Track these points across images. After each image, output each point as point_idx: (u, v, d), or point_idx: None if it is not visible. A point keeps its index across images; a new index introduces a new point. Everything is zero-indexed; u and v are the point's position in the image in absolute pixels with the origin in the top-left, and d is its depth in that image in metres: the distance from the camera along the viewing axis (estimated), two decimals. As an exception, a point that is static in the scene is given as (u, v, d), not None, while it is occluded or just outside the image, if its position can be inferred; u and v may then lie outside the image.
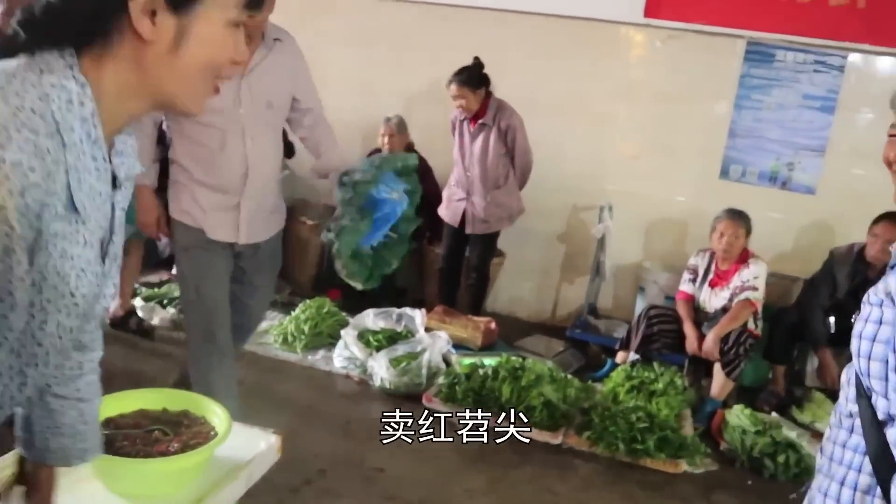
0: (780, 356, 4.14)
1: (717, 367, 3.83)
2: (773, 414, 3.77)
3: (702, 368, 4.03)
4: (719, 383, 3.83)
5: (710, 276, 4.04)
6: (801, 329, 4.06)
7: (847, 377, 1.25)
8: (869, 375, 1.17)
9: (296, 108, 2.74)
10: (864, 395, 1.19)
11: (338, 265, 2.72)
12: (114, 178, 1.00)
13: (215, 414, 1.66)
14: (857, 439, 1.20)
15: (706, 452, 3.35)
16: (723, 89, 4.65)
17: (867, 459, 1.16)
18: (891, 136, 1.29)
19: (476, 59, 4.24)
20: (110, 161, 0.98)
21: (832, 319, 3.99)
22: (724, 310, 3.91)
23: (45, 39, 0.91)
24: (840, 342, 4.00)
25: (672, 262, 4.63)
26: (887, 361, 1.14)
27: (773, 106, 4.60)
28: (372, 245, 2.88)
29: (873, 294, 1.19)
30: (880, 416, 1.16)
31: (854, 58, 4.45)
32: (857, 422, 1.20)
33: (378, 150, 4.80)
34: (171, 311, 4.20)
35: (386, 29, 5.13)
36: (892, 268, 1.19)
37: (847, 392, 1.24)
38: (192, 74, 0.96)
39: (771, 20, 4.50)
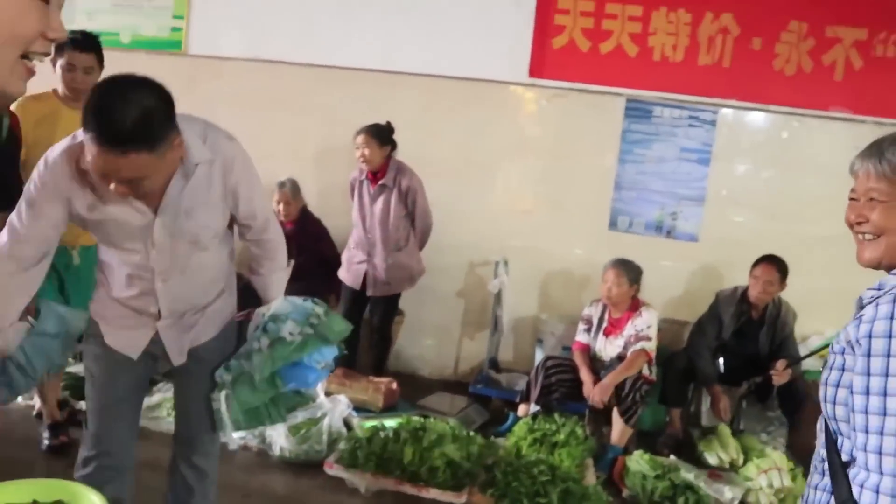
0: (676, 399, 4.25)
1: (616, 414, 3.89)
2: (672, 457, 3.85)
3: (602, 417, 4.09)
4: (619, 430, 3.89)
5: (604, 324, 4.15)
6: (692, 371, 4.20)
7: (820, 425, 1.36)
8: (835, 419, 1.28)
9: (238, 220, 2.21)
10: (831, 438, 1.29)
11: (222, 414, 2.19)
12: None
13: None
14: (828, 481, 1.29)
15: (609, 501, 3.38)
16: (607, 144, 4.85)
17: (833, 499, 1.26)
18: (851, 199, 1.40)
19: (388, 122, 4.32)
20: None
21: (721, 360, 4.17)
22: (620, 358, 4.00)
23: None
24: (729, 381, 4.17)
25: (568, 313, 4.72)
26: (849, 405, 1.23)
27: (654, 159, 4.83)
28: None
29: (836, 343, 1.30)
30: (844, 458, 1.26)
31: (725, 112, 4.74)
32: (827, 465, 1.30)
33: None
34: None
35: (277, 92, 5.11)
36: (855, 318, 1.29)
37: (820, 438, 1.36)
38: None
39: (647, 79, 4.76)
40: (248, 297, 2.37)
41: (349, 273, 4.51)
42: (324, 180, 4.96)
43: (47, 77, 2.97)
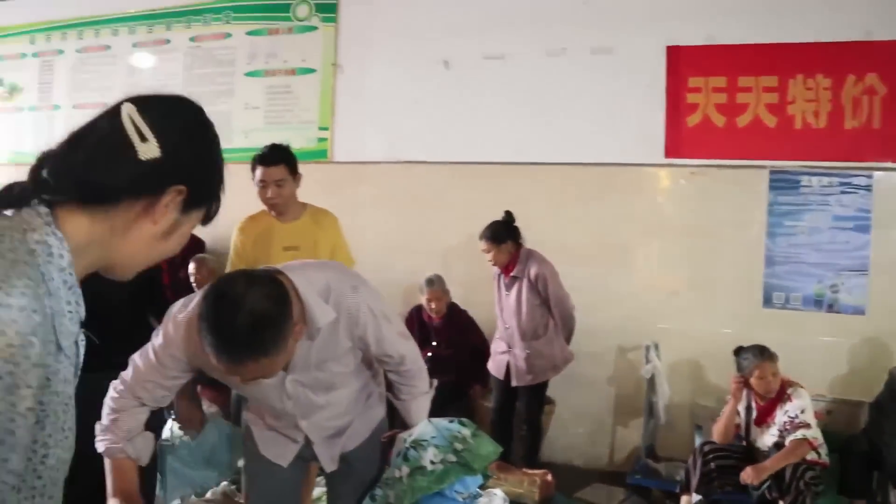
0: (858, 489, 3.90)
1: (786, 505, 3.61)
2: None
3: (775, 508, 3.81)
4: (792, 524, 3.60)
5: (753, 414, 3.90)
6: (875, 457, 3.85)
7: None
8: None
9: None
10: None
11: None
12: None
13: None
14: None
15: None
16: (753, 218, 4.70)
17: None
18: None
19: (507, 212, 4.37)
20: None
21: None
22: (778, 445, 3.73)
23: (65, 188, 1.02)
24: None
25: (725, 396, 4.50)
26: None
27: (807, 230, 4.62)
28: None
29: None
30: None
31: (880, 176, 4.49)
32: None
33: (420, 307, 4.87)
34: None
35: (417, 190, 5.35)
36: None
37: None
38: (157, 256, 1.12)
39: (790, 148, 4.61)
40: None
41: (494, 363, 4.54)
42: (468, 273, 5.07)
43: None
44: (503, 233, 4.33)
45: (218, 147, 1.18)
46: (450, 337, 4.49)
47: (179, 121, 1.12)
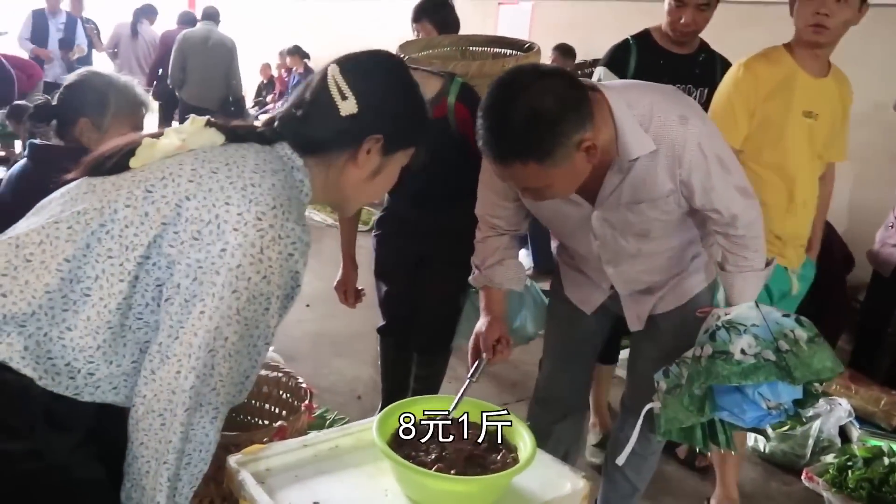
0: None
1: None
2: None
3: None
4: None
5: None
6: None
7: None
8: None
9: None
10: None
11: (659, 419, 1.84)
12: None
13: (521, 438, 1.51)
14: None
15: None
16: None
17: None
18: None
19: None
20: None
21: None
22: None
23: (291, 138, 1.28)
24: None
25: None
26: None
27: None
28: None
29: None
30: None
31: None
32: None
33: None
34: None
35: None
36: None
37: None
38: (370, 196, 1.38)
39: None
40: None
41: (882, 254, 3.70)
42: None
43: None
44: None
45: (413, 96, 1.35)
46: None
47: (376, 77, 1.31)
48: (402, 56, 2.45)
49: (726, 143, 1.76)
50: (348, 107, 1.25)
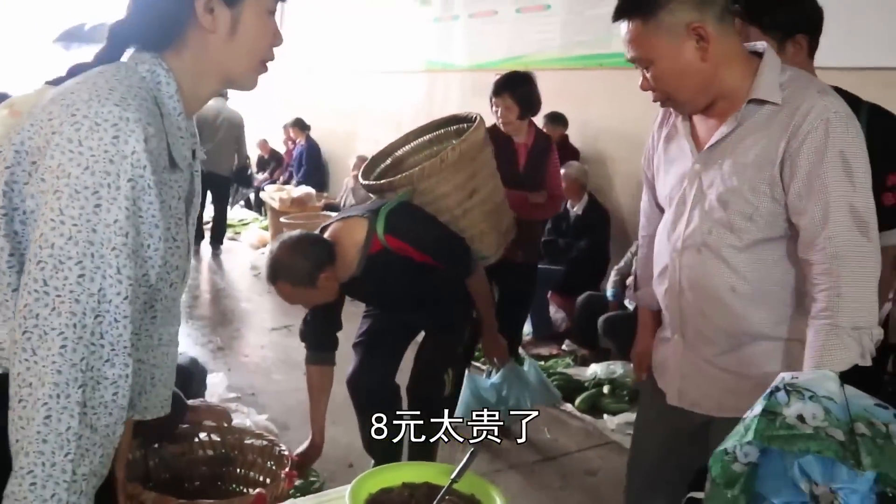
0: None
1: None
2: None
3: None
4: None
5: None
6: None
7: None
8: None
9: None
10: None
11: None
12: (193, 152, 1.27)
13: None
14: None
15: None
16: None
17: None
18: None
19: None
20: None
21: None
22: None
23: (132, 44, 1.19)
24: None
25: None
26: None
27: None
28: None
29: None
30: None
31: None
32: None
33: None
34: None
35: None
36: None
37: None
38: (245, 55, 1.23)
39: None
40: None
41: None
42: None
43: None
44: None
45: None
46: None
47: None
48: (364, 183, 2.83)
49: (868, 166, 1.44)
50: None
